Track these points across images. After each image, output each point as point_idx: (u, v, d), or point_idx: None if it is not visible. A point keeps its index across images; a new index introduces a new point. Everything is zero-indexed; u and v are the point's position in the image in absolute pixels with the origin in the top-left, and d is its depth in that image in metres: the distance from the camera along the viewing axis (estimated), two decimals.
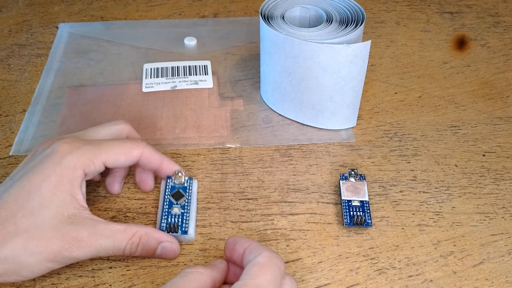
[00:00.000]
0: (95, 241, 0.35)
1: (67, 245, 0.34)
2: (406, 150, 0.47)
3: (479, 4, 0.68)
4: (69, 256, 0.34)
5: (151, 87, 0.54)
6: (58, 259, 0.34)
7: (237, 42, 0.61)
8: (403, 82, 0.55)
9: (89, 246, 0.35)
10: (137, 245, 0.36)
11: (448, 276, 0.37)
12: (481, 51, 0.60)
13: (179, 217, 0.39)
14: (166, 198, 0.40)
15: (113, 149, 0.38)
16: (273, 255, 0.32)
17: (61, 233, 0.34)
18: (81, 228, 0.35)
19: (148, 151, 0.40)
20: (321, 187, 0.44)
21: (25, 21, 0.64)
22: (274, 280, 0.31)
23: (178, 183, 0.41)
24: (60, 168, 0.35)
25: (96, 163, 0.37)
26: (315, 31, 0.45)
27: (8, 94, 0.53)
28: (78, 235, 0.34)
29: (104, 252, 0.36)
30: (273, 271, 0.31)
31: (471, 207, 0.42)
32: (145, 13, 0.66)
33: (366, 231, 0.40)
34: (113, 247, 0.35)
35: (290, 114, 0.50)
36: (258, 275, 0.31)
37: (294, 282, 0.33)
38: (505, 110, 0.52)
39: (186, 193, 0.41)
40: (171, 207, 0.40)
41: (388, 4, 0.68)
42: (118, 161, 0.38)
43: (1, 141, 0.48)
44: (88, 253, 0.35)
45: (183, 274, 0.31)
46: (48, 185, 0.35)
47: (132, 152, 0.39)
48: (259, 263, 0.31)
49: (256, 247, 0.33)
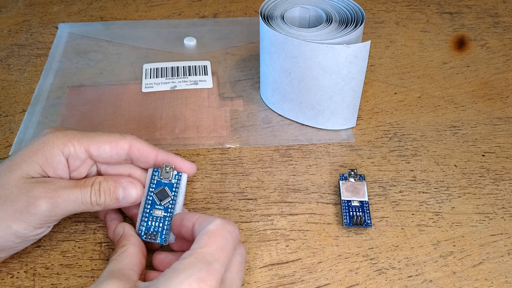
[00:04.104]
0: (62, 192, 0.35)
1: (32, 199, 0.34)
2: (406, 150, 0.47)
3: (478, 5, 0.68)
4: (35, 211, 0.34)
5: (151, 87, 0.54)
6: (25, 218, 0.34)
7: (237, 42, 0.61)
8: (403, 82, 0.55)
9: (55, 197, 0.34)
10: (99, 192, 0.36)
11: (448, 276, 0.37)
12: (480, 52, 0.60)
13: (161, 221, 0.37)
14: (149, 195, 0.38)
15: (98, 137, 0.37)
16: (225, 221, 0.32)
17: (25, 189, 0.34)
18: (45, 184, 0.35)
19: (138, 143, 0.38)
20: (320, 187, 0.44)
21: (25, 21, 0.64)
22: (224, 247, 0.31)
23: (165, 179, 0.38)
24: (38, 143, 0.36)
25: (76, 147, 0.36)
26: (314, 31, 0.45)
27: (7, 94, 0.53)
28: (43, 187, 0.34)
29: (73, 204, 0.35)
30: (223, 238, 0.31)
31: (471, 208, 0.42)
32: (145, 13, 0.66)
33: (366, 231, 0.40)
34: (80, 196, 0.35)
35: (289, 114, 0.50)
36: (207, 243, 0.30)
37: (244, 253, 0.33)
38: (505, 110, 0.52)
39: (172, 192, 0.38)
40: (153, 208, 0.37)
41: (387, 4, 0.68)
42: (103, 149, 0.37)
43: (1, 141, 0.48)
44: (55, 205, 0.34)
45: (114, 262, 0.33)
46: (22, 153, 0.36)
47: (118, 142, 0.37)
48: (209, 231, 0.31)
49: (206, 218, 0.33)
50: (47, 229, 0.36)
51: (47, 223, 0.35)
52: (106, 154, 0.37)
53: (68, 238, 0.40)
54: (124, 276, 0.31)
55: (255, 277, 0.37)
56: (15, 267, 0.38)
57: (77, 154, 0.37)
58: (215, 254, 0.30)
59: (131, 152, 0.38)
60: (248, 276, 0.37)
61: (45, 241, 0.39)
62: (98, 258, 0.38)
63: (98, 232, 0.40)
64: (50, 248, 0.39)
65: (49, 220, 0.35)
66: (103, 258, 0.38)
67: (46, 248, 0.39)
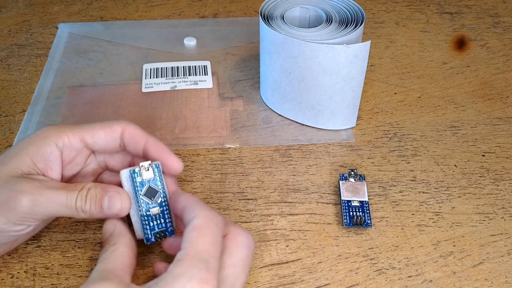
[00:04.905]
0: (46, 191, 0.34)
1: (13, 193, 0.33)
2: (406, 150, 0.47)
3: (478, 5, 0.68)
4: (14, 206, 0.33)
5: (151, 87, 0.54)
6: (3, 212, 0.33)
7: (237, 42, 0.61)
8: (403, 82, 0.55)
9: (38, 194, 0.33)
10: (85, 198, 0.35)
11: (448, 277, 0.37)
12: (480, 52, 0.60)
13: (161, 217, 0.36)
14: (139, 199, 0.36)
15: (92, 125, 0.37)
16: (210, 214, 0.32)
17: (9, 183, 0.34)
18: (31, 181, 0.34)
19: (131, 127, 0.37)
20: (320, 188, 0.44)
21: (25, 21, 0.64)
22: (215, 241, 0.31)
23: (147, 178, 0.36)
24: (32, 136, 0.36)
25: (70, 137, 0.36)
26: (314, 31, 0.45)
27: (7, 94, 0.53)
28: (27, 182, 0.34)
29: (56, 206, 0.34)
30: (212, 232, 0.31)
31: (471, 208, 0.42)
32: (145, 13, 0.66)
33: (366, 231, 0.40)
34: (65, 199, 0.34)
35: (289, 114, 0.50)
36: (198, 239, 0.31)
37: (252, 245, 0.34)
38: (505, 110, 0.52)
39: (159, 186, 0.36)
40: (149, 209, 0.36)
41: (387, 4, 0.68)
42: (98, 136, 0.37)
43: (1, 141, 0.48)
44: (36, 203, 0.33)
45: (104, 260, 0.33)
46: (16, 147, 0.36)
47: (112, 127, 0.37)
48: (196, 227, 0.31)
49: (191, 206, 0.33)
50: (28, 228, 0.35)
51: (26, 220, 0.34)
52: (102, 140, 0.37)
53: (68, 238, 0.40)
54: (117, 277, 0.31)
55: (255, 277, 0.37)
56: (15, 267, 0.38)
57: (72, 144, 0.36)
58: (210, 249, 0.30)
59: (124, 137, 0.37)
60: (248, 276, 0.37)
61: (45, 241, 0.39)
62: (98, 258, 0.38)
63: (98, 232, 0.40)
64: (50, 248, 0.39)
65: (28, 218, 0.34)
66: None
67: (46, 248, 0.39)
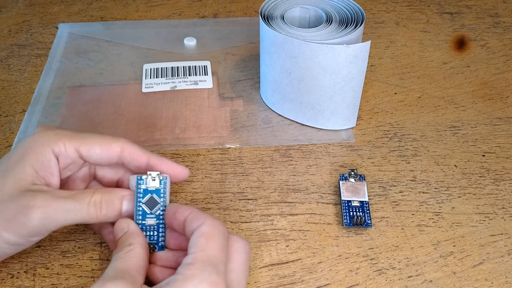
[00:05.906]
0: (53, 202, 0.33)
1: (21, 208, 0.33)
2: (406, 150, 0.47)
3: (478, 5, 0.68)
4: (25, 221, 0.33)
5: (151, 87, 0.54)
6: (14, 227, 0.33)
7: (237, 42, 0.61)
8: (403, 82, 0.55)
9: (46, 206, 0.33)
10: (100, 204, 0.35)
11: (448, 277, 0.37)
12: (480, 52, 0.60)
13: (155, 230, 0.36)
14: (138, 205, 0.36)
15: (89, 138, 0.37)
16: (216, 222, 0.33)
17: (16, 197, 0.33)
18: (38, 193, 0.34)
19: (130, 146, 0.37)
20: (320, 188, 0.44)
21: (25, 21, 0.64)
22: (223, 247, 0.32)
23: (151, 187, 0.36)
24: (29, 142, 0.36)
25: (67, 147, 0.36)
26: (315, 31, 0.45)
27: (7, 94, 0.53)
28: (35, 197, 0.33)
29: (66, 215, 0.34)
30: (220, 239, 0.32)
31: (471, 208, 0.42)
32: (145, 14, 0.66)
33: (366, 231, 0.40)
34: (75, 207, 0.34)
35: (289, 114, 0.50)
36: (207, 245, 0.31)
37: (248, 250, 0.34)
38: (505, 110, 0.52)
39: (161, 198, 0.36)
40: (145, 218, 0.36)
41: (387, 4, 0.68)
42: (93, 151, 0.37)
43: (1, 141, 0.48)
44: (46, 216, 0.33)
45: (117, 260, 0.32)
46: (15, 155, 0.36)
47: (110, 145, 0.37)
48: (204, 233, 0.32)
49: (196, 215, 0.33)
50: (41, 237, 0.35)
51: (37, 234, 0.34)
52: (97, 156, 0.37)
53: (68, 238, 0.40)
54: (131, 278, 0.31)
55: (255, 277, 0.37)
56: (15, 267, 0.38)
57: (67, 153, 0.36)
58: (219, 256, 0.31)
59: (123, 156, 0.37)
60: (248, 276, 0.37)
61: (45, 241, 0.39)
62: (98, 258, 0.38)
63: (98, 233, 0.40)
64: (50, 248, 0.39)
65: (39, 232, 0.34)
66: (103, 258, 0.38)
67: (46, 248, 0.39)
